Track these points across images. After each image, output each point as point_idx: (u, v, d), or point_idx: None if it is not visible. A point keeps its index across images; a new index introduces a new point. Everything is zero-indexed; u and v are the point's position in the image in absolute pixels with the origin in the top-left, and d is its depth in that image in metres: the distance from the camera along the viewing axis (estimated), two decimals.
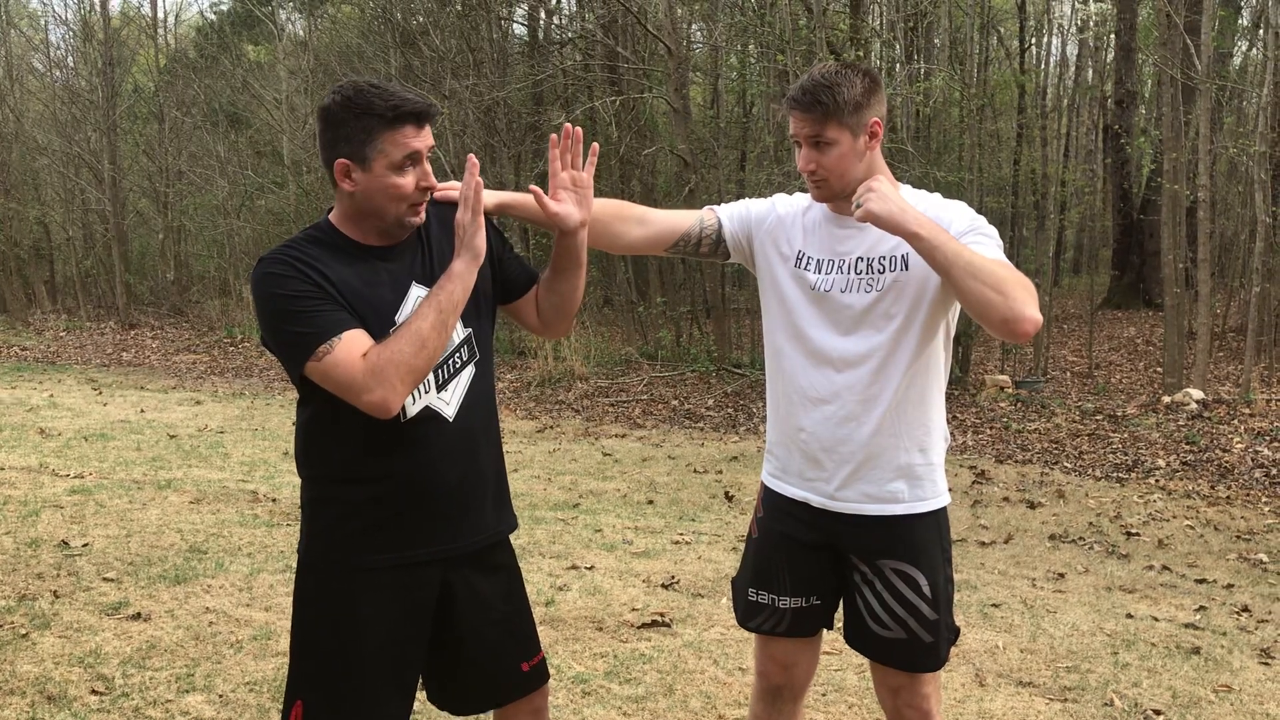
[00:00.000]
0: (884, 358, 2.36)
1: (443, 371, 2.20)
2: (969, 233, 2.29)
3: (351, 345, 2.04)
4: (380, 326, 2.11)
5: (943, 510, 2.47)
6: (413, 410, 2.16)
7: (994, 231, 2.35)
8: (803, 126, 2.32)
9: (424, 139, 2.11)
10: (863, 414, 2.37)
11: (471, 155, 2.15)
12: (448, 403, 2.22)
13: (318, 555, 2.23)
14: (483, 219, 2.14)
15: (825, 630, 2.61)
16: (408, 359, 2.04)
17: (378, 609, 2.19)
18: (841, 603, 2.55)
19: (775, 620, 2.54)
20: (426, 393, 2.18)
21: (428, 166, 2.14)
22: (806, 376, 2.43)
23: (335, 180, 2.13)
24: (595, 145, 2.26)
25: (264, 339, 2.18)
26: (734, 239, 2.55)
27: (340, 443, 2.16)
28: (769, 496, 2.58)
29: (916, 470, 2.41)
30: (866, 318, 2.36)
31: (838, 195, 2.38)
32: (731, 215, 2.57)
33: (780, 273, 2.48)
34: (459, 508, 2.25)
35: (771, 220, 2.53)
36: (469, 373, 2.25)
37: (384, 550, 2.19)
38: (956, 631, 2.52)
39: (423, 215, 2.19)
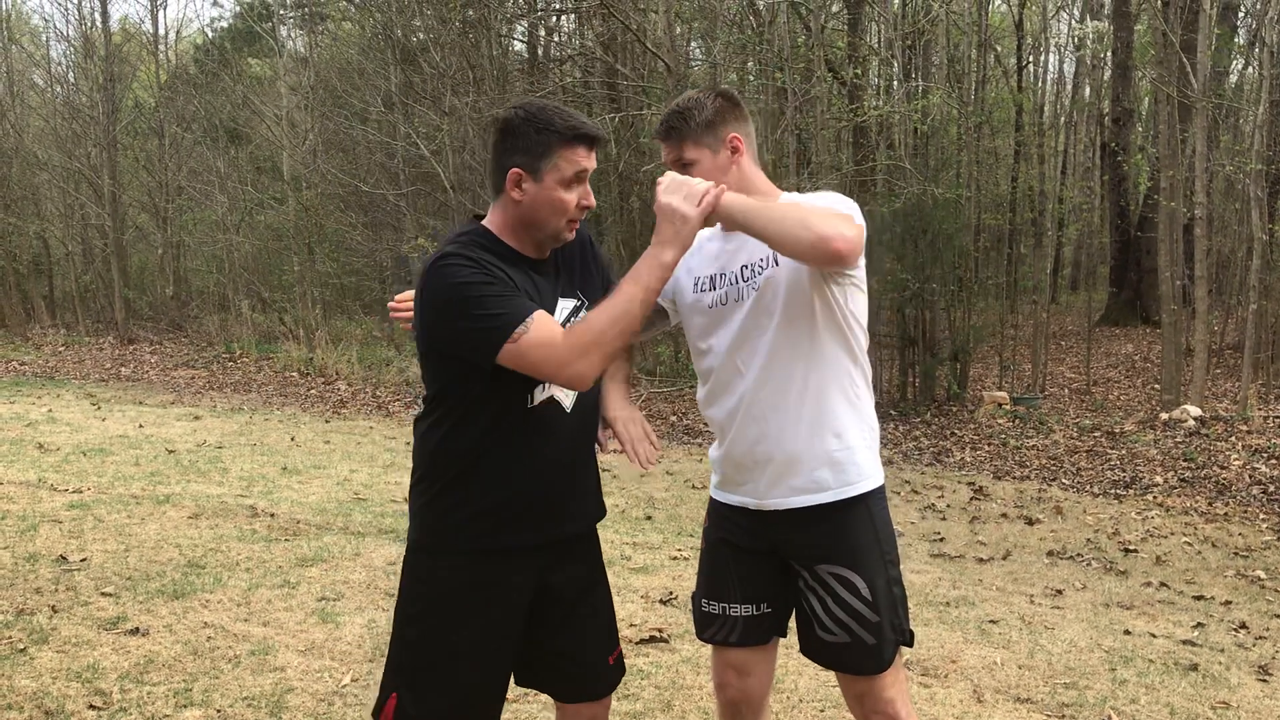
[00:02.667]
0: (771, 354, 2.43)
1: None
2: (808, 201, 2.40)
3: (546, 324, 2.14)
4: None
5: (874, 499, 2.49)
6: (539, 398, 2.25)
7: (843, 202, 2.40)
8: (667, 153, 2.48)
9: (592, 161, 2.23)
10: (769, 413, 2.45)
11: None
12: (568, 393, 2.29)
13: (427, 545, 2.30)
14: (702, 218, 2.22)
15: (780, 639, 2.64)
16: (608, 336, 2.14)
17: (478, 601, 2.25)
18: (794, 615, 2.59)
19: (728, 629, 2.59)
20: (551, 384, 2.26)
21: (589, 188, 2.25)
22: (723, 388, 2.52)
23: (504, 187, 2.22)
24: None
25: (436, 338, 2.20)
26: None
27: (464, 434, 2.24)
28: (714, 506, 2.67)
29: (834, 455, 2.45)
30: (753, 319, 2.44)
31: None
32: None
33: (690, 299, 2.59)
34: (569, 493, 2.35)
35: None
36: None
37: (491, 536, 2.26)
38: (908, 635, 2.53)
39: (574, 233, 2.29)
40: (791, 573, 2.53)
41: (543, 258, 2.31)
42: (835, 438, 2.45)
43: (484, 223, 2.30)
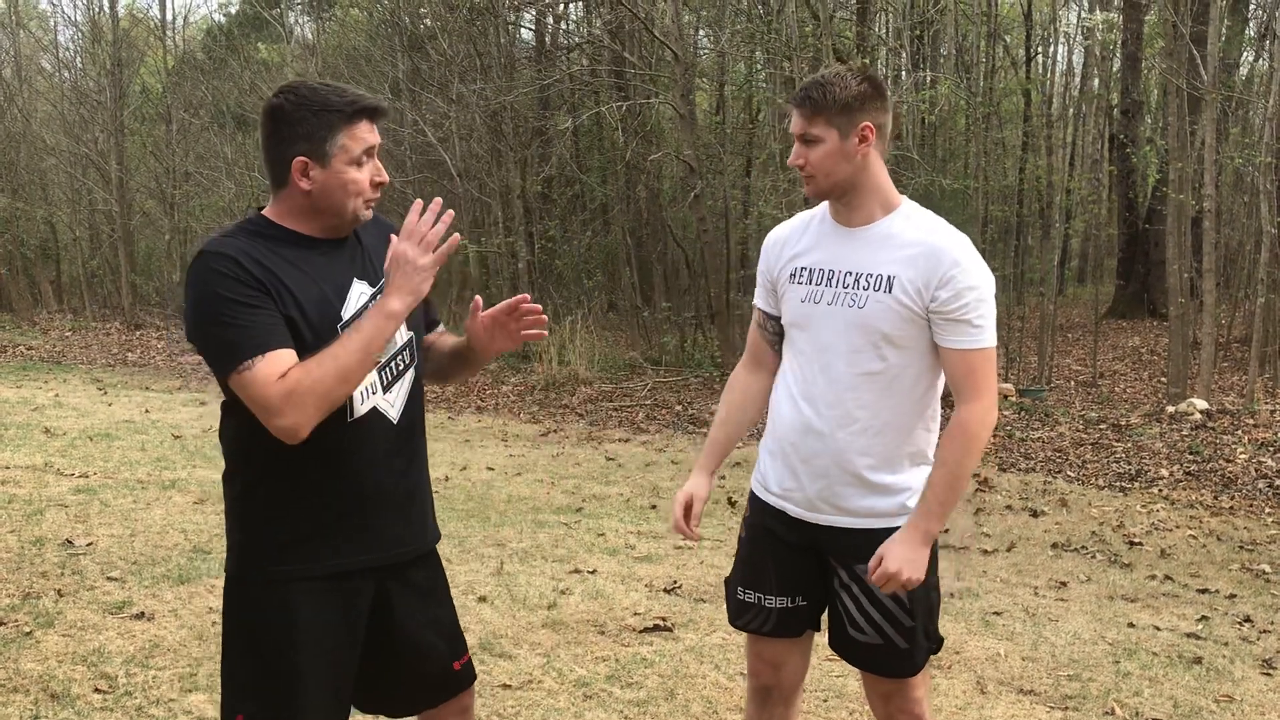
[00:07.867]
0: (863, 375, 2.37)
1: (388, 373, 2.19)
2: (964, 323, 2.32)
3: (272, 365, 1.98)
4: (325, 321, 2.10)
5: None
6: (361, 409, 2.13)
7: (987, 301, 2.35)
8: (796, 123, 2.38)
9: (376, 135, 2.14)
10: (837, 430, 2.39)
11: (438, 199, 2.14)
12: (393, 404, 2.20)
13: (250, 565, 2.17)
14: (435, 268, 2.10)
15: (814, 632, 2.63)
16: (327, 389, 2.00)
17: (314, 618, 2.14)
18: (827, 611, 2.58)
19: (762, 619, 2.57)
20: (374, 394, 2.15)
21: (379, 163, 2.16)
22: (795, 387, 2.47)
23: (288, 179, 2.10)
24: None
25: (189, 334, 2.10)
26: (772, 305, 2.62)
27: (281, 444, 2.05)
28: (754, 500, 2.64)
29: (888, 488, 2.42)
30: (846, 336, 2.38)
31: (825, 193, 2.40)
32: (759, 294, 2.66)
33: (787, 284, 2.53)
34: (402, 514, 2.23)
35: (775, 252, 2.59)
36: (410, 376, 2.25)
37: (321, 558, 2.15)
38: (939, 641, 2.52)
39: (371, 211, 2.18)
40: (829, 569, 2.51)
41: (334, 238, 2.18)
42: (890, 473, 2.42)
43: (264, 212, 2.18)
